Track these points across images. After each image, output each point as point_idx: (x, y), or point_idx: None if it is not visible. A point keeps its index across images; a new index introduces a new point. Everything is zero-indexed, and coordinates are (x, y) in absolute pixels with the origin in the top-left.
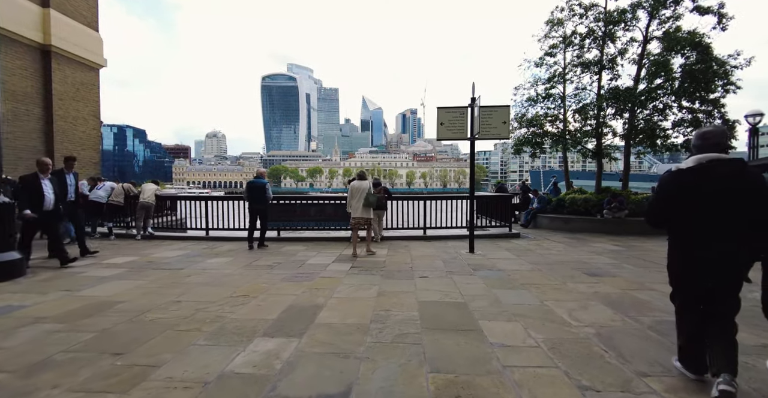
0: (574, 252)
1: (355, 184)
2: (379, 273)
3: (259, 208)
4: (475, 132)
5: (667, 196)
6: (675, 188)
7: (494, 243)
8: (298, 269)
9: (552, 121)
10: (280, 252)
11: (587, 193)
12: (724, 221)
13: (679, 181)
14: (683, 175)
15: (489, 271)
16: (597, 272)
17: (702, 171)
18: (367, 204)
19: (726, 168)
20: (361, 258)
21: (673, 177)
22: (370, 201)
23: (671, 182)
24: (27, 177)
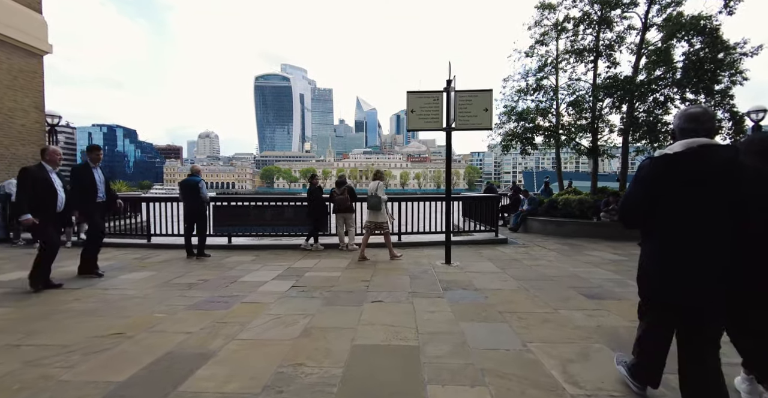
0: (568, 262)
1: (370, 184)
2: (322, 296)
3: (192, 211)
4: (451, 121)
5: (649, 186)
6: (661, 177)
7: (477, 251)
8: (224, 289)
9: (544, 115)
10: (219, 264)
11: (582, 194)
12: (721, 217)
13: (666, 168)
14: (671, 161)
15: (463, 292)
16: (597, 292)
17: (695, 157)
18: (369, 206)
19: (720, 154)
20: (313, 273)
21: (658, 164)
22: (370, 203)
23: (656, 170)
24: (31, 169)
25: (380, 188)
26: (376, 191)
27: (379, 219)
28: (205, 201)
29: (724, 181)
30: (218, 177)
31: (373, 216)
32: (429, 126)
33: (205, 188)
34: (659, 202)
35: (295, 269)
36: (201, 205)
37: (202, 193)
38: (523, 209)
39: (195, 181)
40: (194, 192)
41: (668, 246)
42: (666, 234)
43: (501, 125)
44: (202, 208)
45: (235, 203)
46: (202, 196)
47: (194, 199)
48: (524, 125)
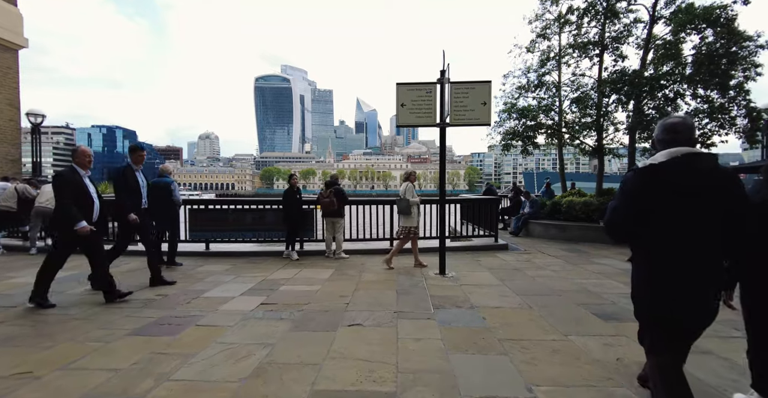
0: (576, 272)
1: (401, 186)
2: (291, 317)
3: (163, 216)
4: (445, 116)
5: (635, 199)
6: (647, 189)
7: (475, 258)
8: (181, 307)
9: (546, 112)
10: (187, 275)
11: (586, 196)
12: (710, 227)
13: (651, 179)
14: (657, 172)
15: (457, 311)
16: (613, 311)
17: (680, 166)
18: (398, 210)
19: (704, 163)
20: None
21: (643, 175)
22: (399, 207)
23: (641, 181)
24: (66, 173)
25: (409, 190)
26: (405, 193)
27: (410, 223)
28: (177, 205)
29: (717, 191)
30: (218, 178)
31: (404, 220)
32: (421, 121)
33: (178, 190)
34: (651, 216)
35: (271, 281)
36: (173, 209)
37: (174, 196)
38: (525, 212)
39: (165, 182)
40: (166, 194)
41: (664, 261)
42: (661, 248)
43: (501, 123)
44: (173, 212)
45: (212, 206)
46: (174, 198)
47: (166, 202)
48: (525, 123)
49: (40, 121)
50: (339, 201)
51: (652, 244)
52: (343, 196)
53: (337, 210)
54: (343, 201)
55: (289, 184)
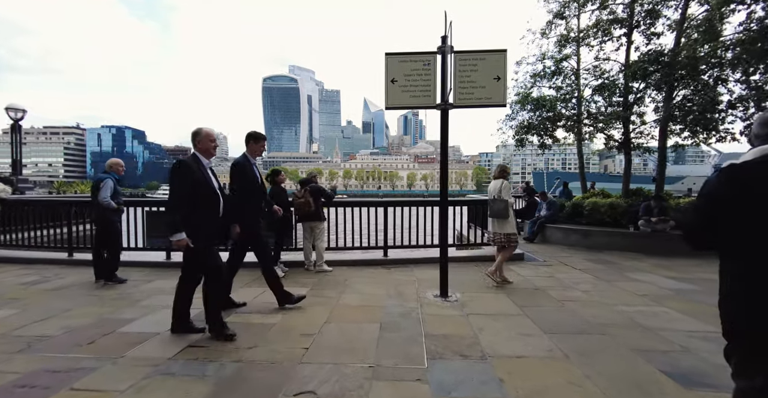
0: (613, 293)
1: (490, 185)
2: (218, 375)
3: (95, 219)
4: (447, 95)
5: (720, 202)
6: (735, 191)
7: (485, 273)
8: (77, 350)
9: (566, 101)
10: (124, 295)
11: (612, 197)
12: None
13: (741, 181)
14: (739, 171)
15: (461, 365)
16: (691, 365)
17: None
18: (492, 212)
19: None
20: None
21: (724, 175)
22: (494, 208)
23: (722, 183)
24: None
25: (506, 189)
26: (500, 193)
27: (507, 229)
28: (105, 207)
29: None
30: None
31: (498, 225)
32: (416, 101)
33: (110, 189)
34: (737, 221)
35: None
36: (100, 211)
37: (100, 196)
38: (541, 215)
39: (97, 180)
40: (95, 193)
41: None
42: (755, 256)
43: (513, 116)
44: (102, 216)
45: None
46: (100, 199)
47: (94, 203)
48: (542, 114)
49: (20, 117)
50: (316, 202)
51: (744, 252)
52: (323, 195)
53: (315, 212)
54: (321, 201)
55: (273, 183)
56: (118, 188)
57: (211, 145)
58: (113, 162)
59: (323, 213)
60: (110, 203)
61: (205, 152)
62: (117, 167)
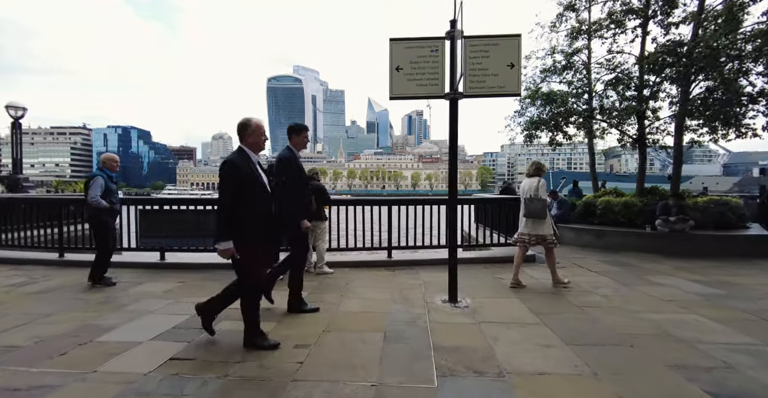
0: (637, 299)
1: (522, 183)
2: (200, 393)
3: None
4: (457, 83)
5: None
6: None
7: (495, 274)
8: (40, 364)
9: (578, 96)
10: (110, 298)
11: (626, 195)
12: None
13: None
14: None
15: (476, 382)
16: (739, 386)
17: None
18: (529, 212)
19: None
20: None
21: None
22: (530, 208)
23: None
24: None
25: (542, 187)
26: (537, 191)
27: (544, 230)
28: (95, 204)
29: None
30: None
31: (533, 226)
32: (423, 91)
33: (101, 187)
34: None
35: None
36: (92, 211)
37: (89, 195)
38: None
39: (88, 177)
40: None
41: None
42: None
43: (522, 112)
44: (93, 216)
45: (168, 207)
46: (88, 198)
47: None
48: (553, 110)
49: (20, 115)
50: (318, 201)
51: None
52: (323, 194)
53: (316, 211)
54: (322, 200)
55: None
56: (111, 186)
57: (261, 138)
58: (106, 157)
59: (324, 213)
60: (99, 202)
61: (254, 146)
62: (110, 163)
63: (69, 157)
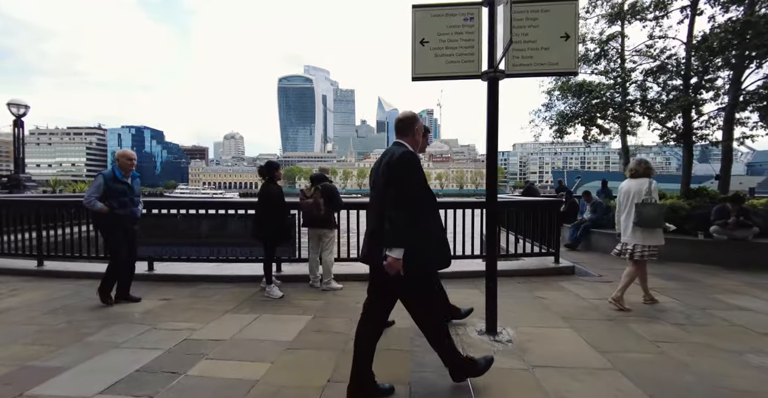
0: (720, 328)
1: (625, 184)
2: None
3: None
4: (497, 60)
5: None
6: None
7: (533, 291)
8: None
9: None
10: (74, 322)
11: (671, 198)
12: None
13: None
14: None
15: None
16: None
17: None
18: (644, 220)
19: None
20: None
21: None
22: (645, 214)
23: None
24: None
25: (654, 190)
26: (651, 194)
27: (656, 240)
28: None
29: None
30: (242, 177)
31: (644, 236)
32: (454, 69)
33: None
34: None
35: (191, 346)
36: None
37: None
38: (584, 218)
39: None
40: None
41: None
42: None
43: (550, 106)
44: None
45: (157, 211)
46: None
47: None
48: (588, 102)
49: (23, 113)
50: (327, 205)
51: None
52: (335, 197)
53: (325, 217)
54: (333, 204)
55: (266, 179)
56: (115, 187)
57: (422, 139)
58: (119, 153)
59: (334, 220)
60: (92, 204)
61: (415, 146)
62: (122, 160)
63: (85, 157)
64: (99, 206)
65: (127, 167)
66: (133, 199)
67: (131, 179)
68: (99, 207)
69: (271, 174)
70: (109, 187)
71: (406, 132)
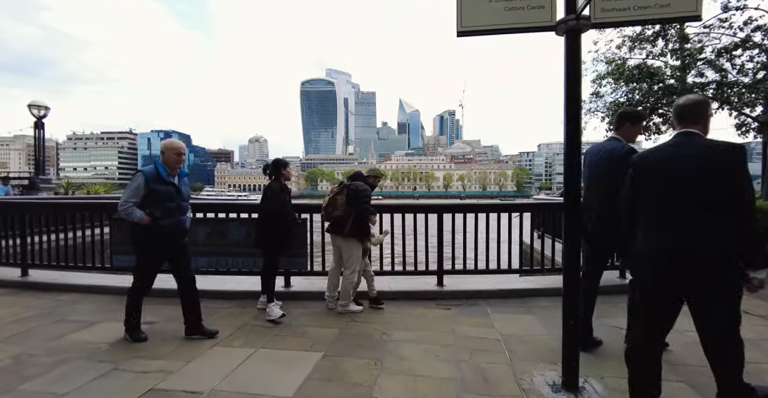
0: None
1: None
2: None
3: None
4: (580, 4)
5: None
6: None
7: (604, 319)
8: None
9: (684, 69)
10: (23, 360)
11: None
12: None
13: None
14: None
15: None
16: None
17: None
18: None
19: None
20: None
21: None
22: None
23: None
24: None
25: None
26: None
27: None
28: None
29: None
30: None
31: None
32: (516, 18)
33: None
34: None
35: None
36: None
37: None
38: None
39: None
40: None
41: None
42: None
43: (598, 95)
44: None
45: None
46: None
47: None
48: (650, 87)
49: (43, 114)
50: (350, 206)
51: None
52: (358, 197)
53: (341, 219)
54: (354, 205)
55: (273, 178)
56: (160, 189)
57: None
58: (166, 145)
59: (358, 229)
60: (131, 212)
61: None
62: (169, 154)
63: (117, 161)
64: (139, 215)
65: (174, 163)
66: (180, 205)
67: (178, 179)
68: (139, 216)
69: (277, 172)
70: (152, 189)
71: (695, 119)
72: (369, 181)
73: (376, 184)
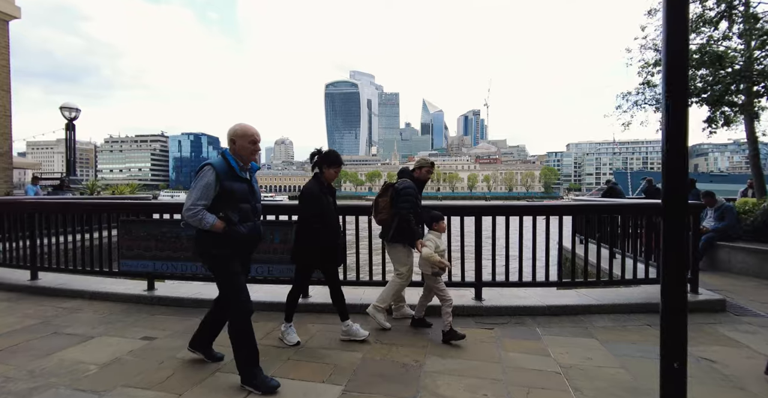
0: None
1: None
2: None
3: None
4: None
5: None
6: None
7: (696, 351)
8: None
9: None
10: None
11: None
12: None
13: None
14: None
15: None
16: None
17: None
18: None
19: None
20: None
21: None
22: None
23: None
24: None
25: None
26: None
27: None
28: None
29: None
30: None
31: None
32: None
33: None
34: None
35: None
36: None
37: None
38: (707, 228)
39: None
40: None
41: None
42: None
43: (648, 85)
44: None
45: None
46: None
47: None
48: (717, 73)
49: (74, 116)
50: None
51: None
52: (398, 196)
53: (390, 224)
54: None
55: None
56: (233, 187)
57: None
58: (236, 132)
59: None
60: (202, 218)
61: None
62: (241, 143)
63: (150, 163)
64: (211, 221)
65: (250, 154)
66: (256, 207)
67: (249, 174)
68: (211, 222)
69: (320, 167)
70: (225, 187)
71: None
72: (415, 174)
73: (425, 176)
